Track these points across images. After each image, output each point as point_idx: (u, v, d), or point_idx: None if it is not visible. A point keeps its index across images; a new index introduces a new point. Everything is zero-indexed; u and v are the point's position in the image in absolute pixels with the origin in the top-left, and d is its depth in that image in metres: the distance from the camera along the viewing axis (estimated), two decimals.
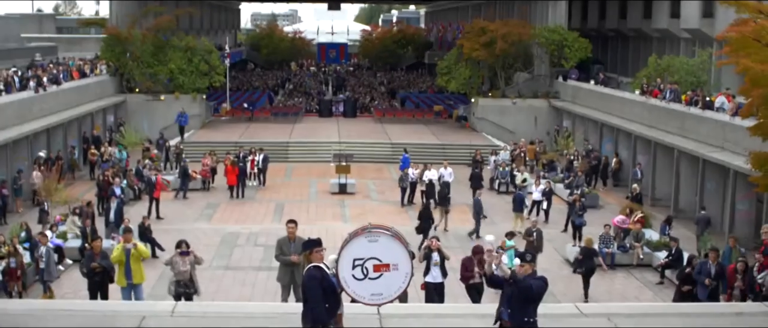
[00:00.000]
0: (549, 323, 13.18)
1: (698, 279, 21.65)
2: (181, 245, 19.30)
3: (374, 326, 13.67)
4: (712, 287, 21.35)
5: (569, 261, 28.24)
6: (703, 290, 21.51)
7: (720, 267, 21.71)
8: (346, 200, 38.81)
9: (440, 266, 19.50)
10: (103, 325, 13.45)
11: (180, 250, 19.18)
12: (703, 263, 21.91)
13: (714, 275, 21.46)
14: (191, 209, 36.52)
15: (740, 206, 31.68)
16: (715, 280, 21.40)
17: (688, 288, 21.92)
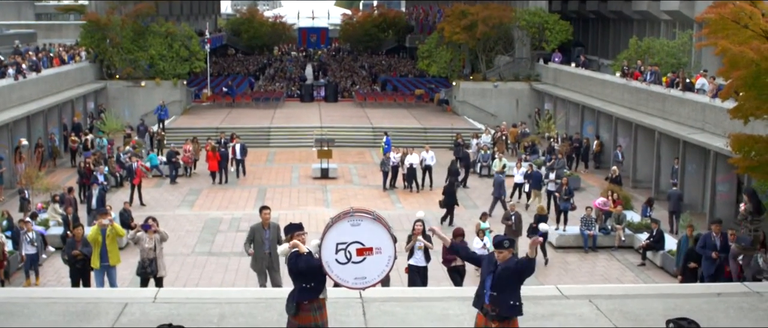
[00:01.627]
0: (530, 305, 13.26)
1: (703, 253, 21.40)
2: (147, 221, 19.32)
3: (356, 309, 13.72)
4: (719, 260, 21.15)
5: (552, 244, 28.37)
6: (709, 265, 21.29)
7: (724, 239, 21.46)
8: (328, 185, 38.80)
9: (424, 250, 19.54)
10: (85, 312, 13.43)
11: (142, 223, 19.21)
12: (707, 236, 21.54)
13: (720, 247, 21.27)
14: (173, 195, 36.45)
15: (721, 188, 31.85)
16: (722, 252, 21.22)
17: (694, 265, 21.70)
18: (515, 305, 9.98)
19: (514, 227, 26.28)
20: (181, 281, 23.66)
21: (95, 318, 13.15)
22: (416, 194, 36.93)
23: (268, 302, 13.85)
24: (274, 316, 12.85)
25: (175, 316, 12.89)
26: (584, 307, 14.10)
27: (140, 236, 19.11)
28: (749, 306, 14.28)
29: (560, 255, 27.36)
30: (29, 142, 39.32)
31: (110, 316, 13.26)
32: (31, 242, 23.36)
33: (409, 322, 13.23)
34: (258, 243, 18.64)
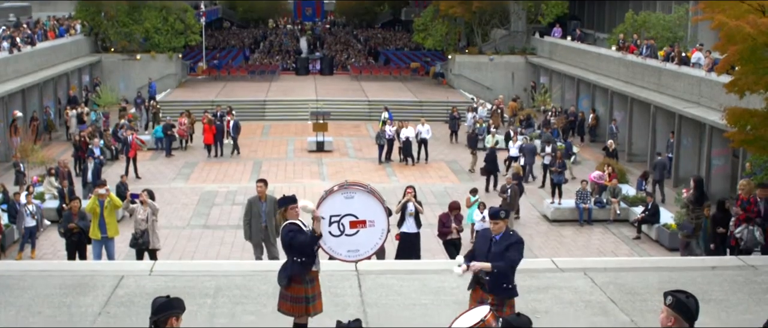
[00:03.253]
0: (526, 278, 13.30)
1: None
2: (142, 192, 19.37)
3: (351, 282, 13.76)
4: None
5: (547, 217, 28.44)
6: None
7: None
8: (324, 158, 38.79)
9: (415, 217, 19.54)
10: (81, 284, 13.45)
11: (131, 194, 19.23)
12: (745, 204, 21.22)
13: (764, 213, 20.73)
14: (169, 168, 36.44)
15: (716, 162, 31.88)
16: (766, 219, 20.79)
17: (723, 230, 21.40)
18: (507, 287, 9.98)
19: (509, 200, 26.31)
20: (177, 253, 23.68)
21: (91, 291, 13.17)
22: (412, 167, 36.94)
23: (263, 275, 13.87)
24: (270, 289, 12.87)
25: (171, 288, 12.91)
26: (579, 280, 14.15)
27: (134, 207, 19.11)
28: (744, 279, 14.34)
29: (555, 228, 27.42)
30: (24, 115, 39.22)
31: (106, 288, 13.28)
32: (31, 215, 23.37)
33: (405, 294, 13.27)
34: (255, 216, 18.66)
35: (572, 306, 12.80)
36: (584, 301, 13.05)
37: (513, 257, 9.90)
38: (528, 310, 11.77)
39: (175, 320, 6.76)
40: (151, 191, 19.87)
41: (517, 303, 10.20)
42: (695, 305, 6.53)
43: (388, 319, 12.15)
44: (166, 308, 6.73)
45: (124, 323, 11.80)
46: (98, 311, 12.27)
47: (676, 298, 6.56)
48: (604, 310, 12.67)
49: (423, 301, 12.93)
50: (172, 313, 6.75)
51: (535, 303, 12.76)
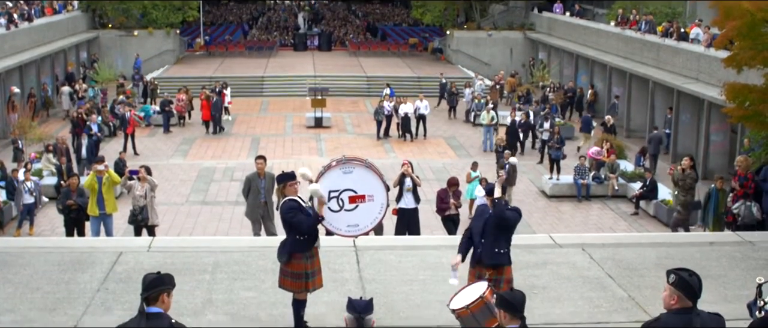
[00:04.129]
0: (524, 254, 13.32)
1: (764, 187, 20.96)
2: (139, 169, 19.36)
3: (350, 258, 13.77)
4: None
5: (545, 193, 28.46)
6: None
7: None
8: (322, 134, 38.78)
9: (413, 192, 19.53)
10: (79, 261, 13.46)
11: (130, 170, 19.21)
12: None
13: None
14: (167, 144, 36.42)
15: (714, 138, 31.88)
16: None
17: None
18: (500, 252, 9.98)
19: (507, 176, 26.30)
20: (175, 230, 23.70)
21: (89, 267, 13.17)
22: (410, 143, 36.93)
23: (262, 251, 13.88)
24: (268, 264, 12.89)
25: (169, 264, 12.93)
26: (577, 255, 14.16)
27: (132, 183, 19.10)
28: (741, 255, 14.35)
29: (553, 204, 27.44)
30: (22, 92, 39.14)
31: (105, 265, 13.28)
32: (29, 192, 23.36)
33: (403, 270, 13.28)
34: (253, 192, 18.65)
35: (570, 282, 12.82)
36: (582, 276, 13.07)
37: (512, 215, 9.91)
38: (526, 285, 11.81)
39: (165, 296, 6.77)
40: (148, 168, 19.86)
41: (515, 278, 10.21)
42: (698, 283, 6.53)
43: (386, 294, 12.17)
44: (157, 284, 6.73)
45: (122, 299, 11.81)
46: (97, 288, 12.28)
47: (679, 276, 6.56)
48: (602, 285, 12.69)
49: (421, 277, 12.95)
50: (163, 289, 6.76)
51: (532, 279, 12.78)
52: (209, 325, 10.89)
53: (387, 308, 11.66)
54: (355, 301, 6.53)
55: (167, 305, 6.79)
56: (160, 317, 6.66)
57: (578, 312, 11.62)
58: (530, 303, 11.28)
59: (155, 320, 6.62)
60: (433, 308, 11.53)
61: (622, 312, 11.63)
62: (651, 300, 11.93)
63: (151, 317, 6.63)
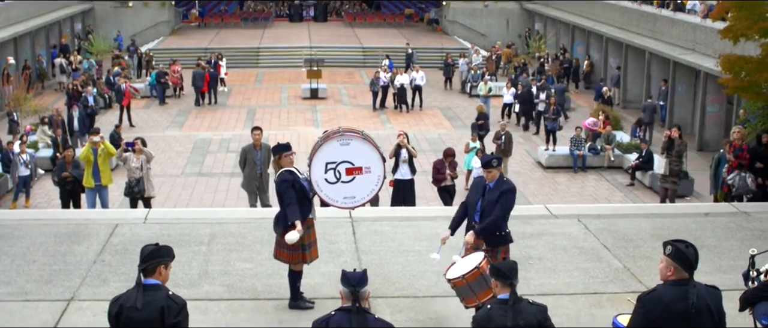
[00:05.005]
0: (520, 225, 13.34)
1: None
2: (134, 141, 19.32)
3: (346, 229, 13.79)
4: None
5: (541, 164, 28.48)
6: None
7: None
8: (318, 105, 38.73)
9: (409, 163, 19.53)
10: (75, 233, 13.47)
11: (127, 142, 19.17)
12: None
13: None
14: (163, 116, 36.37)
15: (710, 109, 31.87)
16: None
17: (761, 165, 20.92)
18: (501, 234, 9.98)
19: (503, 147, 26.31)
20: (171, 201, 23.71)
21: (86, 239, 13.18)
22: (406, 114, 36.90)
23: (257, 222, 13.91)
24: (264, 236, 12.91)
25: (166, 236, 12.94)
26: (573, 226, 14.20)
27: (127, 155, 19.06)
28: (736, 226, 14.39)
29: (549, 175, 27.46)
30: (17, 64, 39.00)
31: (101, 237, 13.30)
32: (25, 164, 23.33)
33: (399, 241, 13.31)
34: (249, 164, 18.63)
35: (566, 252, 12.86)
36: (578, 247, 13.11)
37: (504, 207, 9.88)
38: (521, 256, 11.85)
39: (163, 268, 6.77)
40: (143, 140, 19.83)
41: (511, 249, 10.23)
42: (694, 255, 6.53)
43: (382, 265, 12.20)
44: (155, 256, 6.73)
45: (119, 271, 11.83)
46: (93, 259, 12.30)
47: (675, 247, 6.57)
48: (598, 256, 12.73)
49: (417, 247, 12.97)
50: (161, 261, 6.75)
51: (528, 249, 12.82)
52: (205, 296, 10.91)
53: (383, 278, 11.70)
54: (349, 274, 6.52)
55: (165, 277, 6.79)
56: (157, 289, 6.66)
57: (574, 283, 11.66)
58: (526, 274, 11.34)
59: (152, 292, 6.62)
60: (429, 279, 11.56)
61: (618, 283, 11.67)
62: (646, 271, 11.97)
63: (148, 289, 6.64)
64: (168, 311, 6.55)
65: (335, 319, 6.41)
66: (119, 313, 6.63)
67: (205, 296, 10.95)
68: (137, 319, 6.55)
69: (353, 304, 6.38)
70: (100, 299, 10.78)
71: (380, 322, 6.45)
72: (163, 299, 6.62)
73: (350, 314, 6.39)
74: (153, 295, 6.62)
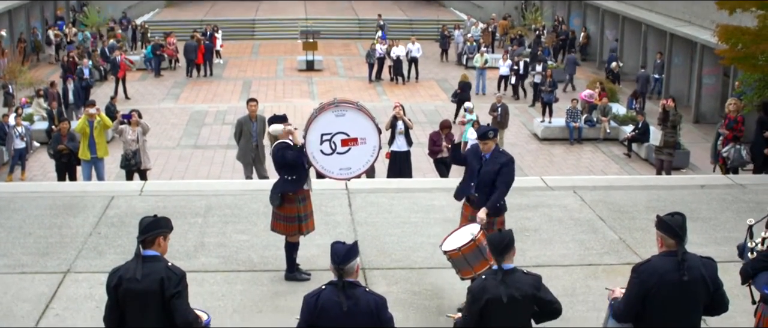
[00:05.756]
0: (515, 196, 13.35)
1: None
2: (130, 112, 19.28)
3: (342, 201, 13.80)
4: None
5: (537, 136, 28.48)
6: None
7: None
8: (314, 77, 38.66)
9: (405, 135, 19.51)
10: (71, 205, 13.46)
11: (123, 114, 19.13)
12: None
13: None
14: (158, 88, 36.29)
15: (707, 81, 31.83)
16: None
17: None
18: (496, 204, 9.98)
19: (499, 119, 26.32)
20: (167, 173, 23.69)
21: (81, 211, 13.18)
22: (402, 85, 36.84)
23: (253, 194, 13.91)
24: (260, 207, 12.92)
25: (162, 208, 12.93)
26: (569, 198, 14.21)
27: (123, 128, 19.01)
28: (732, 198, 14.41)
29: (545, 147, 27.47)
30: (11, 37, 38.84)
31: (97, 209, 13.29)
32: (20, 137, 23.29)
33: (395, 213, 13.32)
34: (245, 135, 18.60)
35: (561, 224, 12.88)
36: (573, 219, 13.12)
37: (506, 182, 9.90)
38: (517, 227, 11.84)
39: (162, 239, 6.77)
40: (139, 112, 19.79)
41: (507, 221, 10.24)
42: (680, 223, 6.52)
43: (378, 237, 12.21)
44: (154, 228, 6.72)
45: (115, 243, 11.84)
46: (89, 232, 12.30)
47: (659, 218, 6.60)
48: (593, 227, 12.75)
49: (413, 219, 12.99)
50: (160, 232, 6.75)
51: (524, 221, 12.83)
52: (201, 268, 10.93)
53: (379, 250, 11.72)
54: (333, 250, 6.48)
55: (164, 249, 6.79)
56: (156, 260, 6.66)
57: (569, 254, 11.68)
58: (522, 245, 11.36)
59: (151, 263, 6.62)
60: (425, 251, 11.58)
61: (613, 254, 11.70)
62: (641, 242, 12.00)
63: (147, 260, 6.64)
64: (168, 282, 6.56)
65: (325, 293, 6.41)
66: (118, 284, 6.63)
67: (201, 267, 10.96)
68: (137, 290, 6.55)
69: (339, 280, 6.37)
70: (97, 271, 10.80)
71: (370, 295, 6.43)
72: (163, 270, 6.62)
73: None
74: (152, 266, 6.62)
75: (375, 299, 6.42)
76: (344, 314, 6.25)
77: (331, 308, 6.30)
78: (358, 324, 6.30)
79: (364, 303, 6.32)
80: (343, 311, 6.25)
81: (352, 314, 6.26)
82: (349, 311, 6.25)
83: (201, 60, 38.45)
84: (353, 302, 6.29)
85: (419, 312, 9.87)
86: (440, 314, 9.62)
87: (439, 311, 9.76)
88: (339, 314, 6.27)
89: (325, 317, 6.33)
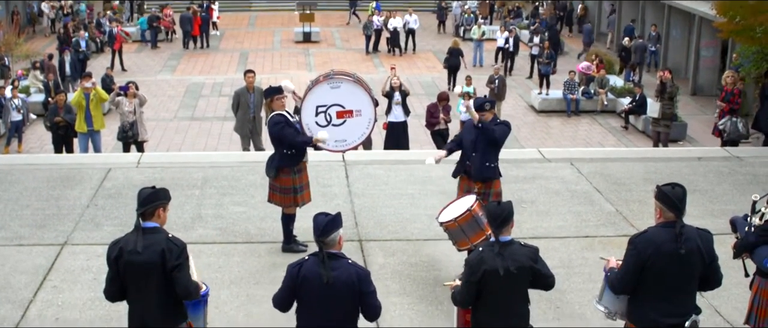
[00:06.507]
0: (512, 168, 13.37)
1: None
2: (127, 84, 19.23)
3: (338, 172, 13.80)
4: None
5: (534, 108, 28.45)
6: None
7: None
8: (311, 49, 38.59)
9: (402, 105, 19.50)
10: (68, 177, 13.46)
11: (120, 86, 19.08)
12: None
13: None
14: (154, 60, 36.20)
15: (704, 53, 31.75)
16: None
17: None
18: (490, 166, 9.98)
19: (497, 91, 26.29)
20: (164, 145, 23.68)
21: (78, 183, 13.18)
22: (399, 57, 36.77)
23: (250, 166, 13.90)
24: (257, 179, 12.92)
25: (159, 180, 12.94)
26: (566, 170, 14.22)
27: (120, 99, 18.97)
28: (729, 170, 14.43)
29: (542, 119, 27.45)
30: (6, 11, 38.68)
31: (94, 181, 13.29)
32: (17, 109, 23.23)
33: (392, 184, 13.33)
34: (243, 107, 18.56)
35: (558, 196, 12.89)
36: (570, 191, 13.14)
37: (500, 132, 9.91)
38: (514, 199, 11.79)
39: (162, 210, 6.75)
40: (135, 84, 19.74)
41: (504, 192, 10.24)
42: (680, 196, 6.50)
43: (374, 208, 12.23)
44: (153, 199, 6.70)
45: (112, 215, 11.85)
46: (86, 204, 12.31)
47: (659, 189, 6.58)
48: (590, 199, 12.76)
49: (409, 190, 13.00)
50: (159, 204, 6.73)
51: (521, 193, 12.84)
52: (199, 240, 10.93)
53: (376, 222, 11.73)
54: (315, 222, 6.45)
55: (163, 220, 6.78)
56: (156, 232, 6.65)
57: (566, 226, 11.70)
58: (518, 217, 11.33)
59: (152, 235, 6.61)
60: (422, 222, 11.60)
61: (610, 226, 11.72)
62: (638, 214, 12.01)
63: (147, 232, 6.62)
64: (169, 254, 6.54)
65: (307, 264, 6.40)
66: (119, 256, 6.61)
67: (199, 239, 10.97)
68: (138, 262, 6.54)
69: (320, 252, 6.36)
70: (94, 243, 10.82)
71: (352, 267, 6.40)
72: (164, 241, 6.60)
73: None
74: (153, 238, 6.60)
75: (357, 271, 6.40)
76: (325, 286, 6.25)
77: (312, 278, 6.30)
78: (338, 295, 6.30)
79: (345, 275, 6.30)
80: (324, 282, 6.25)
81: (333, 286, 6.26)
82: (329, 283, 6.25)
83: (198, 32, 38.35)
84: (335, 273, 6.29)
85: (416, 283, 9.89)
86: (437, 285, 9.65)
87: (436, 282, 9.78)
88: (320, 285, 6.26)
89: (306, 287, 6.33)
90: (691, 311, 6.61)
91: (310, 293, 6.34)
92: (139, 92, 19.24)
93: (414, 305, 9.37)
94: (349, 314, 6.43)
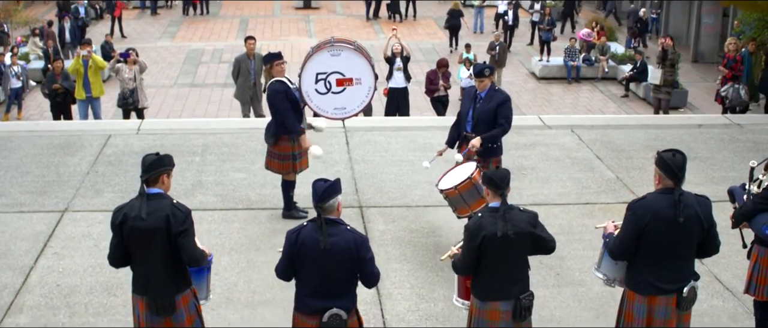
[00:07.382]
0: (513, 135, 13.34)
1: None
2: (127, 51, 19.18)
3: (339, 139, 13.80)
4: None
5: (535, 74, 28.39)
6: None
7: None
8: (311, 15, 38.45)
9: (403, 71, 19.45)
10: (68, 144, 13.46)
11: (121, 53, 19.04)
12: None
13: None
14: (154, 26, 36.09)
15: (706, 20, 31.61)
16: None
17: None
18: (492, 147, 9.96)
19: (497, 57, 26.21)
20: (164, 112, 23.65)
21: (79, 150, 13.19)
22: (400, 23, 36.63)
23: (250, 132, 13.90)
24: (258, 146, 12.90)
25: (159, 146, 12.91)
26: (566, 137, 14.22)
27: (120, 66, 18.93)
28: (729, 138, 14.42)
29: (543, 86, 27.40)
30: None
31: (94, 147, 13.30)
32: (16, 76, 23.18)
33: (392, 151, 13.34)
34: (243, 73, 18.55)
35: (559, 163, 12.90)
36: (571, 157, 13.14)
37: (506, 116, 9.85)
38: (515, 166, 11.87)
39: (166, 177, 6.74)
40: (135, 50, 19.70)
41: (504, 159, 10.23)
42: (680, 163, 6.47)
43: (375, 175, 12.24)
44: (158, 166, 6.68)
45: (112, 181, 11.86)
46: (86, 170, 12.32)
47: (659, 155, 6.56)
48: (591, 166, 12.77)
49: (410, 157, 13.00)
50: (163, 170, 6.72)
51: (521, 160, 12.85)
52: (199, 206, 10.94)
53: (376, 188, 11.75)
54: (314, 188, 6.43)
55: (167, 186, 6.77)
56: (161, 198, 6.65)
57: (566, 193, 11.72)
58: (519, 184, 11.39)
59: (156, 201, 6.61)
60: (422, 189, 11.61)
61: (610, 193, 11.74)
62: (638, 181, 12.02)
63: (151, 198, 6.62)
64: (174, 220, 6.54)
65: (306, 230, 6.40)
66: (123, 222, 6.60)
67: (199, 205, 10.98)
68: (142, 228, 6.53)
69: (318, 217, 6.36)
70: (94, 209, 10.84)
71: (350, 233, 6.39)
72: (168, 207, 6.59)
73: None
74: (157, 204, 6.59)
75: (355, 237, 6.40)
76: (322, 251, 6.26)
77: (310, 244, 6.30)
78: (336, 261, 6.31)
79: (343, 241, 6.30)
80: (321, 248, 6.26)
81: (331, 251, 6.27)
82: (326, 249, 6.26)
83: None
84: (333, 239, 6.29)
85: (417, 250, 9.92)
86: (437, 251, 9.66)
87: (436, 249, 9.80)
88: (317, 250, 6.27)
89: (304, 253, 6.33)
90: (689, 278, 6.62)
91: (308, 259, 6.35)
92: (139, 59, 19.20)
93: (414, 272, 9.40)
94: (348, 280, 6.44)
